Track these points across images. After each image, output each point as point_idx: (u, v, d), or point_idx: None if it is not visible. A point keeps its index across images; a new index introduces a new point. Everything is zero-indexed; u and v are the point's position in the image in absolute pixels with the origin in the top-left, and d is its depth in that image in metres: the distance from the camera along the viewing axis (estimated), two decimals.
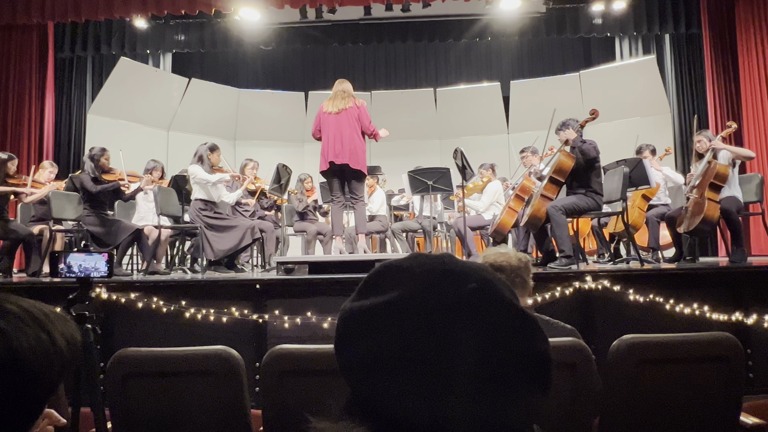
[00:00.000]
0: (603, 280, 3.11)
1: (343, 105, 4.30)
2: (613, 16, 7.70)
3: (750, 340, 3.04)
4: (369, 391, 0.52)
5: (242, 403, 1.66)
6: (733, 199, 4.20)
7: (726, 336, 1.63)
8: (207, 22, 8.00)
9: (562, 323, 1.79)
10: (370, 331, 0.53)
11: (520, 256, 1.80)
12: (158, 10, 6.48)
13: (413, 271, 0.55)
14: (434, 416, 0.49)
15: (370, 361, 0.52)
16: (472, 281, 0.53)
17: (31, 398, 0.64)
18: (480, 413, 0.49)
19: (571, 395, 1.56)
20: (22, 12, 6.41)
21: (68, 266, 1.52)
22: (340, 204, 4.50)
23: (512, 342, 0.52)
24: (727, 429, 1.63)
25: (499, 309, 0.53)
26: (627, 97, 7.97)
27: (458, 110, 8.90)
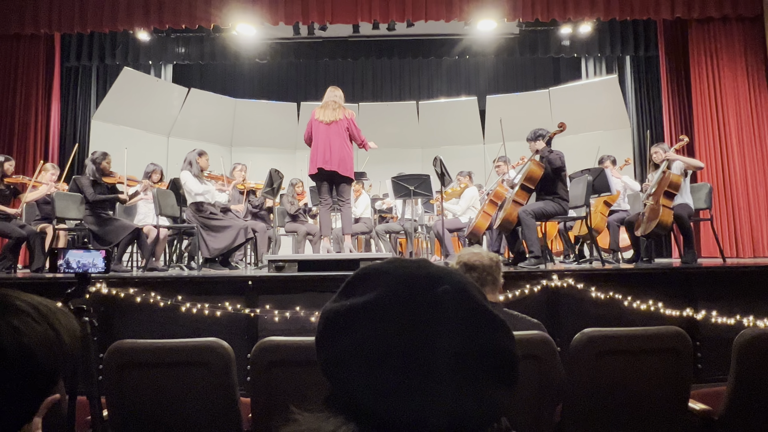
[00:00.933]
0: (568, 279, 3.13)
1: (334, 117, 4.28)
2: (580, 38, 7.82)
3: (699, 334, 3.08)
4: (347, 386, 0.52)
5: (232, 391, 1.64)
6: (684, 206, 4.27)
7: (676, 330, 1.65)
8: (206, 36, 7.93)
9: (529, 318, 1.80)
10: (349, 330, 0.52)
11: (492, 256, 1.81)
12: (160, 23, 6.40)
13: (391, 274, 0.54)
14: (407, 410, 0.49)
15: (348, 357, 0.51)
16: (445, 284, 0.53)
17: (38, 388, 0.64)
18: (449, 407, 0.49)
19: (537, 384, 1.57)
20: (31, 23, 6.29)
21: (67, 262, 1.49)
22: (328, 206, 4.48)
23: (481, 340, 0.52)
24: (677, 414, 1.65)
25: (469, 310, 0.53)
26: (591, 112, 8.07)
27: (438, 122, 8.94)
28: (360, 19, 6.44)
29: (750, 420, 1.61)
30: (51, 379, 0.65)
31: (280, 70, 9.40)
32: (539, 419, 1.58)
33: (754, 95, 6.45)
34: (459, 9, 6.34)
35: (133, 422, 1.65)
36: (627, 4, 6.37)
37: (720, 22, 6.54)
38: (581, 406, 1.63)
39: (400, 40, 8.24)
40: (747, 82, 6.47)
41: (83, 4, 6.30)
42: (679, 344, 1.63)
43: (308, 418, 0.51)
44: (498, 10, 6.36)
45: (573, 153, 5.89)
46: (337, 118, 4.27)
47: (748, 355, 1.59)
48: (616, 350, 1.63)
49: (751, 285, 3.33)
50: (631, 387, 1.61)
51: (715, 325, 3.04)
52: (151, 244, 4.57)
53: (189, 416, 1.64)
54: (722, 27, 6.54)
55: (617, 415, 1.62)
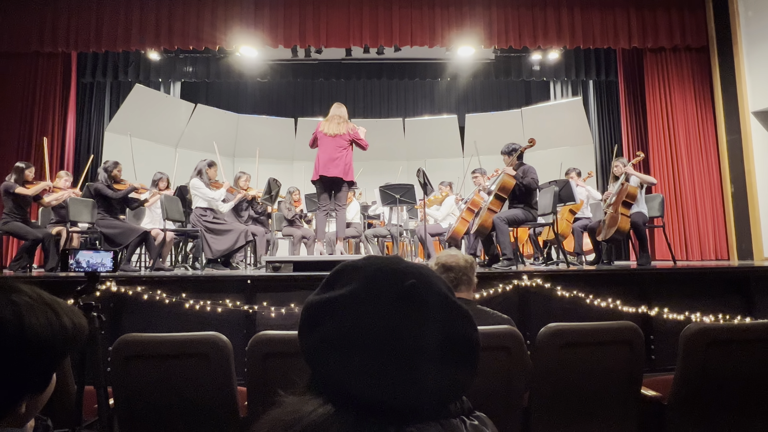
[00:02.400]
0: (537, 279, 3.13)
1: (338, 130, 4.28)
2: (549, 64, 7.93)
3: (652, 328, 3.11)
4: (324, 370, 0.52)
5: (230, 381, 1.62)
6: (640, 214, 4.33)
7: (630, 325, 1.67)
8: (212, 56, 7.89)
9: (501, 314, 1.80)
10: (327, 320, 0.52)
11: (467, 258, 1.81)
12: (169, 44, 6.36)
13: (365, 270, 0.55)
14: (377, 390, 0.49)
15: (325, 344, 0.52)
16: (412, 278, 0.53)
17: (40, 365, 0.64)
18: (416, 387, 0.50)
19: (507, 372, 1.57)
20: (50, 42, 6.21)
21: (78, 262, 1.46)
22: (325, 212, 4.47)
23: (445, 328, 0.53)
24: (631, 400, 1.67)
25: (434, 300, 0.53)
26: (558, 130, 8.17)
27: (422, 137, 8.98)
28: (352, 43, 6.47)
29: (694, 404, 1.63)
30: (53, 355, 0.64)
31: (279, 88, 9.38)
32: (509, 404, 1.59)
33: (701, 116, 6.59)
34: (441, 36, 6.40)
35: (138, 410, 1.62)
36: (590, 34, 6.48)
37: (671, 52, 6.68)
38: (546, 392, 1.64)
39: (388, 63, 8.29)
40: (695, 104, 6.61)
41: (99, 26, 6.24)
42: (633, 337, 1.64)
43: (291, 401, 0.51)
44: (476, 37, 6.43)
45: (541, 166, 5.94)
46: (341, 132, 4.28)
47: (693, 347, 1.61)
48: (578, 342, 1.63)
49: (697, 285, 3.37)
50: (590, 375, 1.62)
51: (666, 321, 3.07)
52: (158, 246, 4.51)
53: (190, 404, 1.62)
54: (673, 56, 6.69)
55: (578, 400, 1.63)
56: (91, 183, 4.98)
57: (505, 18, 6.42)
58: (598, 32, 6.45)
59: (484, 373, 1.54)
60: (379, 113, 9.51)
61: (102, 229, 4.25)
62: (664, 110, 6.66)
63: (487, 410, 0.59)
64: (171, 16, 6.27)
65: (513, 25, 6.41)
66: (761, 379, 1.63)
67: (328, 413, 0.49)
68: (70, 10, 6.22)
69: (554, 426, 1.63)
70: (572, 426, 1.63)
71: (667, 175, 6.57)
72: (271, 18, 6.30)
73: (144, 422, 1.61)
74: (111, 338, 2.51)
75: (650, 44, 6.56)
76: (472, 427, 0.52)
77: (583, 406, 1.63)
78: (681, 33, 6.54)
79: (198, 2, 6.30)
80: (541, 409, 1.64)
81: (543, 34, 6.44)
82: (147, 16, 6.25)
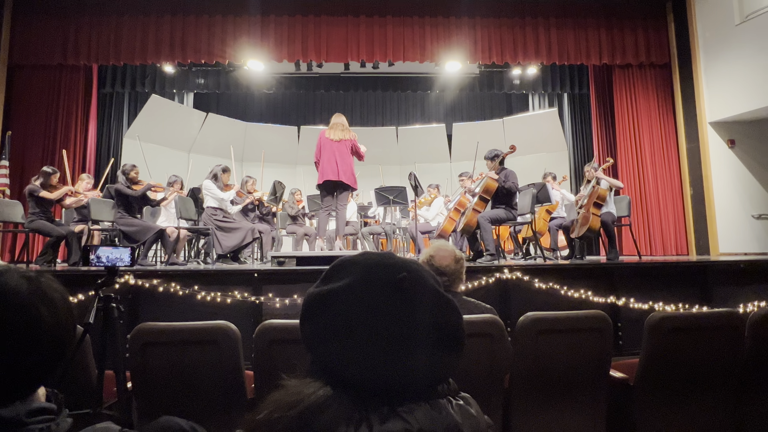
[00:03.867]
0: (517, 272, 3.14)
1: (342, 136, 4.25)
2: (528, 78, 7.97)
3: (620, 316, 3.12)
4: (323, 356, 0.52)
5: (238, 365, 1.61)
6: (609, 214, 4.36)
7: (599, 313, 1.67)
8: (222, 69, 7.84)
9: (484, 304, 1.80)
10: (325, 310, 0.52)
11: (458, 258, 1.76)
12: (183, 58, 6.32)
13: (361, 264, 0.55)
14: (372, 372, 0.49)
15: (324, 332, 0.52)
16: (404, 271, 0.53)
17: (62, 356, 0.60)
18: (407, 370, 0.50)
19: (489, 357, 1.57)
20: (72, 55, 6.14)
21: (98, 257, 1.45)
22: (327, 213, 4.45)
23: (434, 316, 0.53)
24: (600, 381, 1.67)
25: (423, 292, 0.53)
26: (536, 138, 8.21)
27: (413, 144, 8.98)
28: (350, 58, 6.45)
29: (657, 384, 1.65)
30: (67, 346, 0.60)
31: (283, 99, 9.34)
32: (491, 385, 1.59)
33: (664, 126, 6.65)
34: (431, 52, 6.40)
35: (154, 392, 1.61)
36: (564, 51, 6.51)
37: (637, 68, 6.73)
38: (525, 375, 1.64)
39: (383, 76, 8.28)
40: (658, 115, 6.67)
41: (118, 41, 6.18)
42: (603, 325, 1.65)
43: (293, 384, 0.51)
44: (462, 53, 6.44)
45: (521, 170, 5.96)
46: (344, 137, 4.26)
47: (657, 333, 1.62)
48: (553, 330, 1.64)
49: (660, 277, 3.40)
50: (564, 359, 1.63)
51: (632, 309, 3.08)
52: (173, 243, 4.48)
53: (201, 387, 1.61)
54: (639, 72, 6.74)
55: (553, 382, 1.64)
56: (111, 185, 4.93)
57: (489, 36, 6.44)
58: (572, 50, 6.49)
59: (469, 358, 1.55)
60: (375, 122, 9.51)
61: (121, 227, 4.21)
62: (631, 120, 6.71)
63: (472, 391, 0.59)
64: (184, 32, 6.22)
65: (495, 43, 6.43)
66: (715, 362, 1.65)
67: (327, 395, 0.49)
68: (92, 27, 6.16)
69: (532, 405, 1.64)
70: (548, 405, 1.64)
71: (634, 179, 6.62)
72: (276, 35, 6.27)
73: (159, 403, 1.59)
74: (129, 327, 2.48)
75: (619, 61, 6.60)
76: (458, 406, 0.52)
77: (558, 387, 1.64)
78: (646, 51, 6.60)
79: (209, 20, 6.26)
80: (520, 390, 1.65)
81: (522, 51, 6.46)
82: (162, 33, 6.20)
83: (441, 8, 6.40)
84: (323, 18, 6.32)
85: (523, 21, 6.47)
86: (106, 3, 6.16)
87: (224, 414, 1.58)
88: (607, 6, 6.52)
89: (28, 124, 6.10)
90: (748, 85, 5.62)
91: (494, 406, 1.59)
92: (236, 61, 6.47)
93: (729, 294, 3.34)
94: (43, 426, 0.53)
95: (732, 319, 1.65)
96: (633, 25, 6.57)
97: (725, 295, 3.33)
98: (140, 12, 6.18)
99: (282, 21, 6.28)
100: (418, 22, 6.39)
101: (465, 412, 0.52)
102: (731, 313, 1.68)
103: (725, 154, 6.10)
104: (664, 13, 6.67)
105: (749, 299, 3.18)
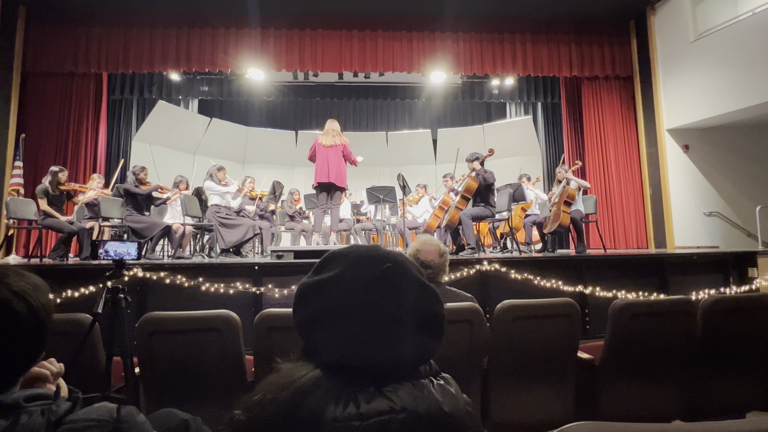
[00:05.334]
0: (495, 264, 3.15)
1: (334, 141, 4.26)
2: (505, 88, 8.01)
3: (587, 303, 3.16)
4: (314, 341, 0.51)
5: (239, 350, 1.59)
6: (578, 212, 4.41)
7: (568, 301, 1.69)
8: (225, 77, 7.74)
9: (465, 293, 1.80)
10: (316, 298, 0.52)
11: (442, 252, 1.76)
12: (188, 67, 6.21)
13: (349, 256, 0.54)
14: (359, 355, 0.48)
15: (315, 319, 0.51)
16: (388, 262, 0.53)
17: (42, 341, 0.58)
18: (390, 353, 0.49)
19: (469, 341, 1.57)
20: (83, 64, 6.00)
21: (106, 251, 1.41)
22: (323, 210, 4.44)
23: (417, 303, 0.53)
24: (569, 361, 1.69)
25: (407, 280, 0.53)
26: (513, 143, 8.26)
27: (402, 147, 8.97)
28: (343, 69, 6.41)
29: (620, 364, 1.67)
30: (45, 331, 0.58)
31: (282, 105, 9.25)
32: (471, 367, 1.60)
33: (627, 132, 6.74)
34: (417, 64, 6.40)
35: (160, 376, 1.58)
36: (539, 64, 6.56)
37: (603, 80, 6.81)
38: (501, 356, 1.65)
39: (374, 86, 8.26)
40: (622, 122, 6.76)
41: (126, 51, 6.04)
42: (571, 311, 1.67)
43: (286, 367, 0.50)
44: (446, 65, 6.45)
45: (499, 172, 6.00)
46: (336, 143, 4.26)
47: (619, 318, 1.64)
48: (527, 316, 1.64)
49: (623, 268, 3.45)
50: (537, 342, 1.64)
51: (598, 297, 3.12)
52: (179, 238, 4.41)
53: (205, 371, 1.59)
54: (605, 83, 6.82)
55: (527, 363, 1.65)
56: (120, 184, 4.84)
57: (470, 50, 6.46)
58: (545, 63, 6.54)
59: (451, 342, 1.55)
60: (366, 127, 9.47)
61: (130, 224, 4.13)
62: (597, 127, 6.80)
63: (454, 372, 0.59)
64: (189, 43, 6.12)
65: (476, 56, 6.45)
66: (671, 343, 1.68)
67: (317, 376, 0.48)
68: (101, 37, 6.01)
69: (508, 384, 1.65)
70: (522, 384, 1.65)
71: (600, 180, 6.71)
72: (275, 46, 6.20)
73: (165, 387, 1.57)
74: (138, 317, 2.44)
75: (587, 73, 6.68)
76: (438, 386, 0.52)
77: (531, 368, 1.65)
78: (611, 65, 6.68)
79: (213, 32, 6.16)
80: (497, 370, 1.66)
81: (501, 63, 6.50)
82: (169, 44, 6.09)
83: (427, 24, 6.39)
84: (319, 32, 6.27)
85: (502, 36, 6.50)
86: (115, 15, 6.02)
87: (226, 396, 1.56)
88: (577, 23, 6.58)
89: (41, 127, 5.95)
90: (701, 96, 5.73)
91: (474, 385, 1.59)
92: (238, 70, 6.38)
93: (683, 283, 3.40)
94: (42, 408, 0.52)
95: (686, 305, 1.68)
96: (600, 41, 6.65)
97: (680, 284, 3.40)
98: (148, 24, 6.06)
99: (281, 34, 6.21)
100: (406, 36, 6.37)
101: (445, 391, 0.52)
102: (685, 299, 1.71)
103: (680, 157, 6.21)
104: (628, 31, 6.75)
105: (701, 287, 3.25)
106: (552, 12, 6.37)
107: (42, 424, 0.50)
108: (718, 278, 3.57)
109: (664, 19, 6.23)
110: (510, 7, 6.26)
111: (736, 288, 3.42)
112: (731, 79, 5.32)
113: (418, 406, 0.48)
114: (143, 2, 5.94)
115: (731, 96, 5.33)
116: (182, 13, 6.09)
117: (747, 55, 5.14)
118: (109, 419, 0.52)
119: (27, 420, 0.50)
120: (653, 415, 1.65)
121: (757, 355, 1.77)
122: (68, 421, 0.51)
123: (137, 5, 5.97)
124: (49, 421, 0.51)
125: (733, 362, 1.73)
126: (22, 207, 4.17)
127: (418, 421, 0.47)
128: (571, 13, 6.42)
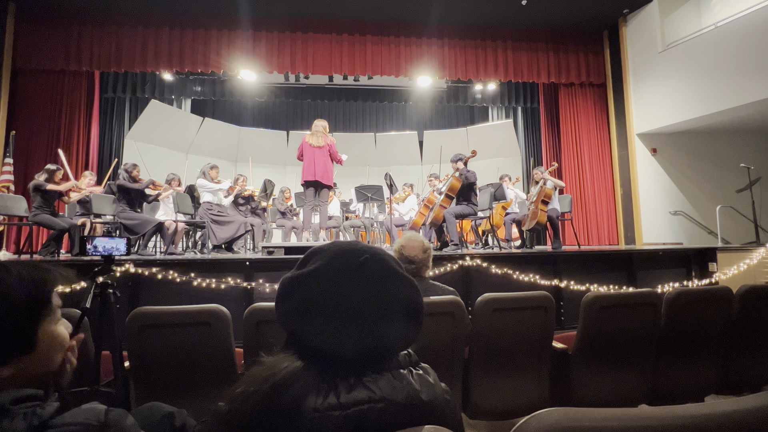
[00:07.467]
0: (477, 260, 3.17)
1: (320, 142, 4.23)
2: (488, 93, 8.06)
3: (562, 296, 3.21)
4: (295, 331, 0.50)
5: (229, 344, 1.56)
6: (554, 210, 4.48)
7: (545, 294, 1.70)
8: (217, 78, 7.58)
9: (448, 287, 1.81)
10: (297, 291, 0.51)
11: (426, 248, 1.75)
12: (181, 67, 6.06)
13: (329, 251, 0.54)
14: (337, 345, 0.48)
15: (296, 311, 0.50)
16: (366, 254, 0.52)
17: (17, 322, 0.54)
18: (369, 341, 0.49)
19: (451, 332, 1.57)
20: (75, 61, 5.79)
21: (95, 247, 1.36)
22: (311, 207, 4.40)
23: (394, 293, 0.52)
24: (545, 351, 1.71)
25: (384, 272, 0.52)
26: (494, 144, 8.34)
27: (389, 148, 8.96)
28: (333, 72, 6.36)
29: (591, 353, 1.70)
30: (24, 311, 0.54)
31: (274, 106, 9.13)
32: (453, 356, 1.60)
33: (601, 137, 6.87)
34: (405, 68, 6.39)
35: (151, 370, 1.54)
36: (519, 71, 6.63)
37: (579, 86, 6.92)
38: (482, 347, 1.66)
39: (363, 88, 8.21)
40: (596, 127, 6.89)
41: (119, 50, 5.86)
42: (547, 303, 1.68)
43: (269, 360, 0.50)
44: (432, 70, 6.45)
45: (481, 172, 6.06)
46: (323, 143, 4.22)
47: (591, 310, 1.67)
48: (506, 308, 1.65)
49: (595, 263, 3.52)
50: (514, 333, 1.65)
51: (572, 290, 3.17)
52: (171, 234, 4.32)
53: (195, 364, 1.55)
54: (580, 90, 6.93)
55: (506, 353, 1.66)
56: (112, 182, 4.70)
57: (455, 56, 6.48)
58: (525, 70, 6.61)
59: (434, 334, 1.55)
60: (355, 129, 9.43)
61: (122, 221, 4.02)
62: (573, 131, 6.91)
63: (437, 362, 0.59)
64: (182, 44, 5.97)
65: (460, 62, 6.48)
66: (640, 333, 1.72)
67: (297, 368, 0.47)
68: (93, 35, 5.82)
69: (487, 373, 1.66)
70: (501, 373, 1.66)
71: (575, 180, 6.83)
72: (267, 49, 6.11)
73: (156, 380, 1.53)
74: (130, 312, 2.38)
75: (563, 80, 6.78)
76: (417, 375, 0.52)
77: (509, 357, 1.66)
78: (586, 72, 6.79)
79: (205, 33, 6.03)
80: (477, 360, 1.67)
81: (483, 69, 6.54)
82: (161, 44, 5.93)
83: (414, 30, 6.39)
84: (310, 35, 6.20)
85: (485, 43, 6.54)
86: (107, 14, 5.83)
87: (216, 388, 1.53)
88: (554, 33, 6.67)
89: (31, 124, 5.73)
90: (668, 102, 5.87)
91: (455, 374, 1.60)
92: (230, 71, 6.26)
93: (650, 276, 3.49)
94: (28, 411, 0.49)
95: (651, 298, 1.72)
96: (576, 50, 6.75)
97: (647, 278, 3.48)
98: (140, 23, 5.89)
99: (272, 36, 6.12)
100: (394, 42, 6.36)
101: (424, 380, 0.51)
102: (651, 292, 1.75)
103: (649, 160, 6.37)
104: (602, 41, 6.87)
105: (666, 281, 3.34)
106: (531, 21, 6.44)
107: (24, 430, 0.47)
108: (681, 272, 3.68)
109: (635, 31, 6.37)
110: (492, 16, 6.31)
111: (697, 281, 3.53)
112: (695, 88, 5.47)
113: (396, 395, 0.47)
114: (137, 2, 5.77)
115: (695, 103, 5.48)
116: (175, 14, 5.94)
117: (710, 65, 5.29)
118: (96, 423, 0.49)
119: (8, 425, 0.47)
120: (621, 399, 1.69)
121: (715, 343, 1.82)
122: (53, 425, 0.47)
123: (130, 5, 5.80)
124: (31, 425, 0.47)
125: (693, 350, 1.78)
126: (12, 203, 4.02)
127: (397, 410, 0.46)
128: (549, 23, 6.51)
